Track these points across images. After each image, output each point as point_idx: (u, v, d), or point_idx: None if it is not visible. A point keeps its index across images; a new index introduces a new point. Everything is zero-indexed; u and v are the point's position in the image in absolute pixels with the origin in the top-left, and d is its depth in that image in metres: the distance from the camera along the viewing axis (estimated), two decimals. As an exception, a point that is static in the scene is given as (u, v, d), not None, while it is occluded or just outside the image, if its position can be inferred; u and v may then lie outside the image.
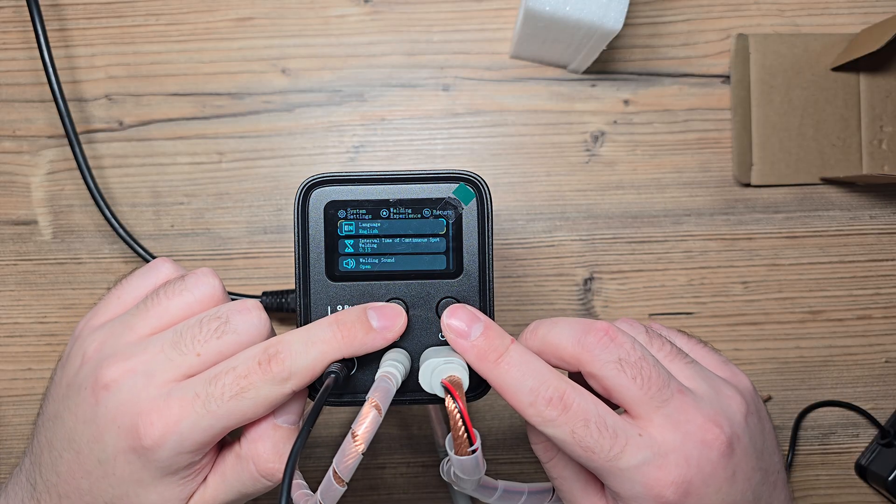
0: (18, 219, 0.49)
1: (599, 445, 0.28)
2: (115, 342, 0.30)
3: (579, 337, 0.30)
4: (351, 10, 0.49)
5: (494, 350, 0.29)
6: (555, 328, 0.30)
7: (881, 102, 0.49)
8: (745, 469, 0.29)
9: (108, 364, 0.29)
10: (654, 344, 0.32)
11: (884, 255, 0.50)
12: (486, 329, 0.30)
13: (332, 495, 0.27)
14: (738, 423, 0.30)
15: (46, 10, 0.48)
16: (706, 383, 0.31)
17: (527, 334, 0.32)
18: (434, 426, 0.48)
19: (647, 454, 0.28)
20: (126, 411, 0.28)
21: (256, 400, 0.28)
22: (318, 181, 0.32)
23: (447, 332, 0.30)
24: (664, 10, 0.50)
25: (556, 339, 0.30)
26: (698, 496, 0.28)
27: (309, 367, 0.29)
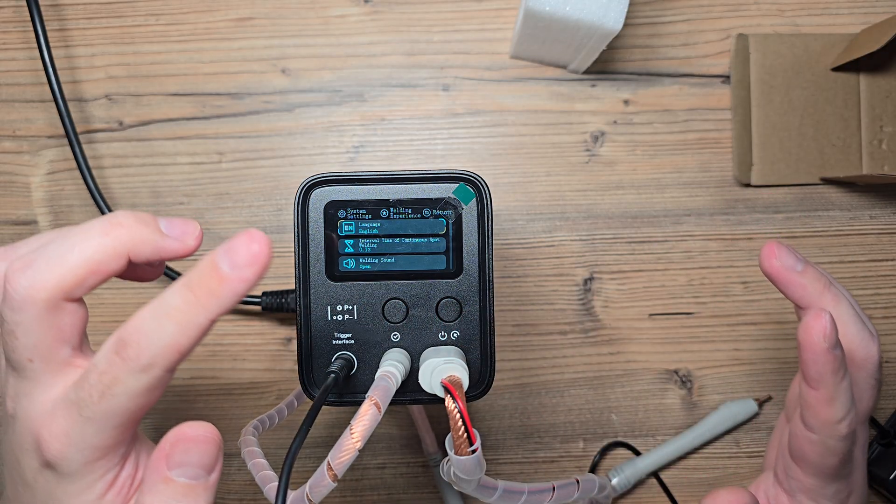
0: (18, 219, 0.49)
1: None
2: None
3: None
4: (351, 10, 0.49)
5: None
6: None
7: (881, 102, 0.49)
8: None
9: (3, 396, 0.29)
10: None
11: (884, 255, 0.50)
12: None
13: (321, 489, 0.27)
14: None
15: (46, 10, 0.48)
16: None
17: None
18: (422, 434, 0.48)
19: None
20: (26, 433, 0.27)
21: (127, 394, 0.25)
22: (318, 181, 0.32)
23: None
24: (664, 10, 0.50)
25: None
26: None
27: (171, 346, 0.25)
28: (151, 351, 0.25)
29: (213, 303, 0.25)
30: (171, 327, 0.25)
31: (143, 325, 0.25)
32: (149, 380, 0.25)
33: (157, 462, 0.25)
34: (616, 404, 0.50)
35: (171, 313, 0.25)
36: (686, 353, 0.50)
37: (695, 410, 0.50)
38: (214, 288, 0.25)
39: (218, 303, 0.25)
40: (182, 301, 0.25)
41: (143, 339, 0.25)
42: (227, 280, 0.25)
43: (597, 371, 0.49)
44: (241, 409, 0.49)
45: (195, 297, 0.25)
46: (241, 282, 0.25)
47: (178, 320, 0.25)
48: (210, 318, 0.25)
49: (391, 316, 0.33)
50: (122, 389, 0.25)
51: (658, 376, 0.50)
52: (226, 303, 0.25)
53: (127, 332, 0.25)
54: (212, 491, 0.26)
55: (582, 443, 0.50)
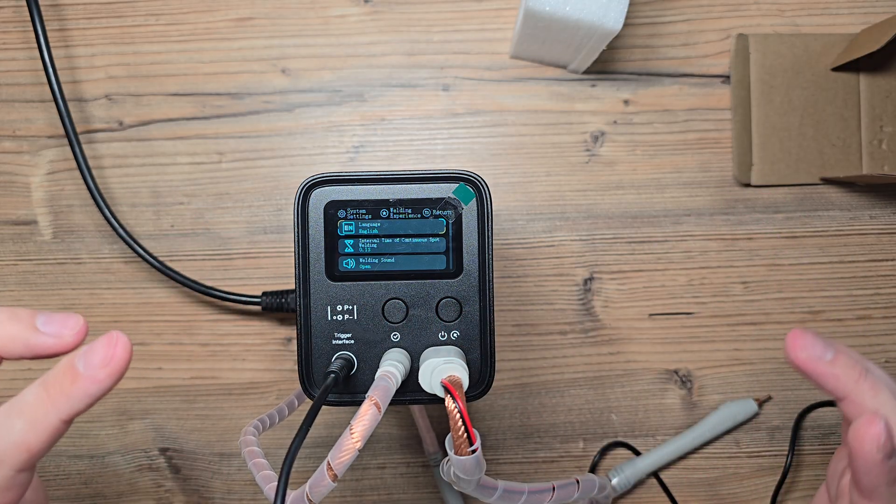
0: (18, 219, 0.49)
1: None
2: None
3: None
4: (351, 10, 0.49)
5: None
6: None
7: (881, 102, 0.49)
8: None
9: None
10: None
11: (884, 255, 0.50)
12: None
13: (321, 489, 0.27)
14: None
15: (46, 10, 0.48)
16: None
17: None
18: (422, 434, 0.48)
19: None
20: None
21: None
22: (318, 181, 0.32)
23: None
24: (664, 10, 0.50)
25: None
26: None
27: (19, 444, 0.24)
28: (3, 452, 0.24)
29: (63, 402, 0.25)
30: (20, 424, 0.24)
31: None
32: (2, 477, 0.24)
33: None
34: (616, 404, 0.50)
35: (22, 410, 0.25)
36: (686, 353, 0.50)
37: (695, 410, 0.50)
38: (66, 387, 0.24)
39: (69, 403, 0.25)
40: (34, 398, 0.25)
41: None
42: (80, 379, 0.24)
43: (597, 371, 0.49)
44: (241, 409, 0.49)
45: (47, 395, 0.24)
46: (94, 382, 0.25)
47: (29, 418, 0.24)
48: (61, 417, 0.25)
49: (391, 316, 0.33)
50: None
51: (658, 376, 0.50)
52: (77, 404, 0.25)
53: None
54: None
55: (582, 443, 0.50)
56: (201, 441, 0.49)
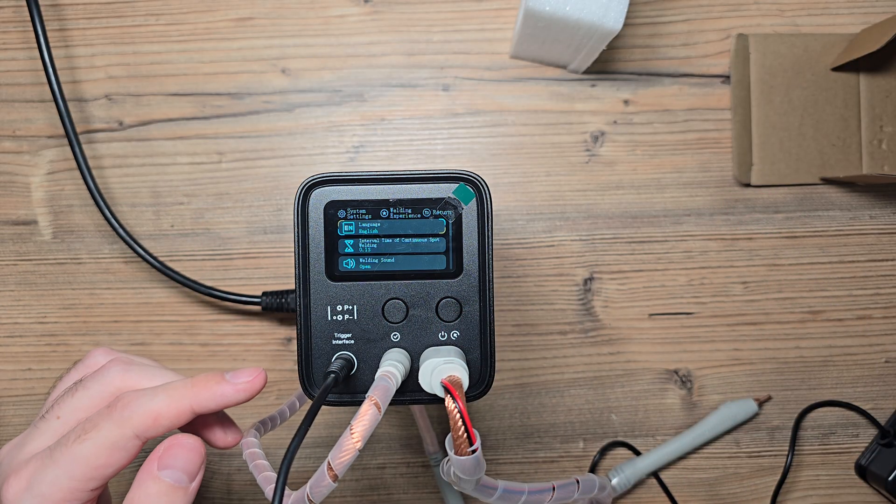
0: (18, 219, 0.49)
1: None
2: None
3: None
4: (351, 10, 0.49)
5: None
6: None
7: (881, 102, 0.49)
8: None
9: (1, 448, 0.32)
10: None
11: (884, 255, 0.50)
12: None
13: (322, 489, 0.27)
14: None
15: (46, 10, 0.48)
16: None
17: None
18: (423, 434, 0.48)
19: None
20: (1, 482, 0.29)
21: (97, 441, 0.28)
22: (318, 181, 0.32)
23: None
24: (664, 10, 0.50)
25: None
26: None
27: (152, 411, 0.29)
28: (133, 408, 0.29)
29: (202, 395, 0.30)
30: (161, 397, 0.29)
31: (139, 392, 0.29)
32: (120, 433, 0.29)
33: (150, 462, 0.29)
34: (616, 404, 0.50)
35: (167, 389, 0.30)
36: (686, 353, 0.50)
37: (695, 410, 0.50)
38: (211, 385, 0.30)
39: (204, 397, 0.30)
40: (181, 384, 0.30)
41: (133, 399, 0.29)
42: (223, 383, 0.30)
43: (597, 371, 0.49)
44: (241, 409, 0.49)
45: (192, 385, 0.30)
46: (233, 390, 0.30)
47: (170, 394, 0.29)
48: (193, 405, 0.30)
49: (391, 316, 0.33)
50: (95, 435, 0.28)
51: (658, 376, 0.50)
52: (211, 401, 0.30)
53: (122, 395, 0.29)
54: (190, 498, 0.29)
55: (582, 443, 0.50)
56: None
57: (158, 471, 0.28)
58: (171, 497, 0.28)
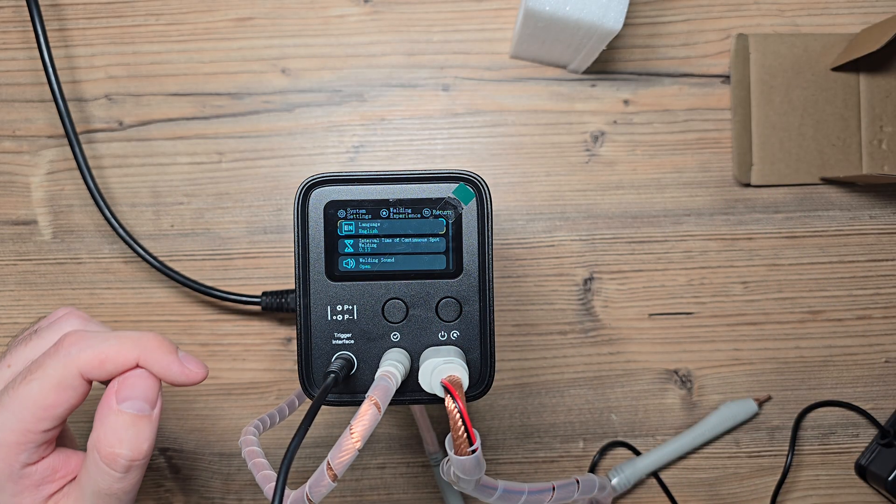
0: (18, 219, 0.49)
1: None
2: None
3: None
4: (351, 10, 0.49)
5: None
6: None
7: (881, 102, 0.49)
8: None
9: None
10: None
11: (884, 255, 0.50)
12: None
13: (321, 489, 0.27)
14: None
15: (46, 10, 0.48)
16: None
17: None
18: (423, 433, 0.48)
19: None
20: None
21: (43, 381, 0.28)
22: (318, 181, 0.32)
23: None
24: (664, 10, 0.50)
25: None
26: None
27: (99, 351, 0.28)
28: (81, 346, 0.28)
29: (153, 356, 0.29)
30: (111, 342, 0.29)
31: (87, 334, 0.29)
32: (65, 372, 0.28)
33: (107, 398, 0.29)
34: (616, 404, 0.50)
35: (118, 336, 0.29)
36: (686, 353, 0.50)
37: (695, 410, 0.50)
38: (163, 352, 0.29)
39: (155, 359, 0.29)
40: (134, 335, 0.29)
41: (80, 338, 0.29)
42: (174, 358, 0.29)
43: (597, 371, 0.49)
44: (241, 409, 0.49)
45: (145, 340, 0.29)
46: (181, 372, 0.30)
47: (120, 341, 0.29)
48: (140, 359, 0.29)
49: (391, 316, 0.33)
50: (41, 375, 0.28)
51: (658, 376, 0.50)
52: (158, 366, 0.29)
53: (67, 335, 0.29)
54: (154, 425, 0.29)
55: (582, 443, 0.50)
56: (201, 441, 0.49)
57: (118, 404, 0.28)
58: (138, 427, 0.28)
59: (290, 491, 0.28)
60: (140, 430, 0.28)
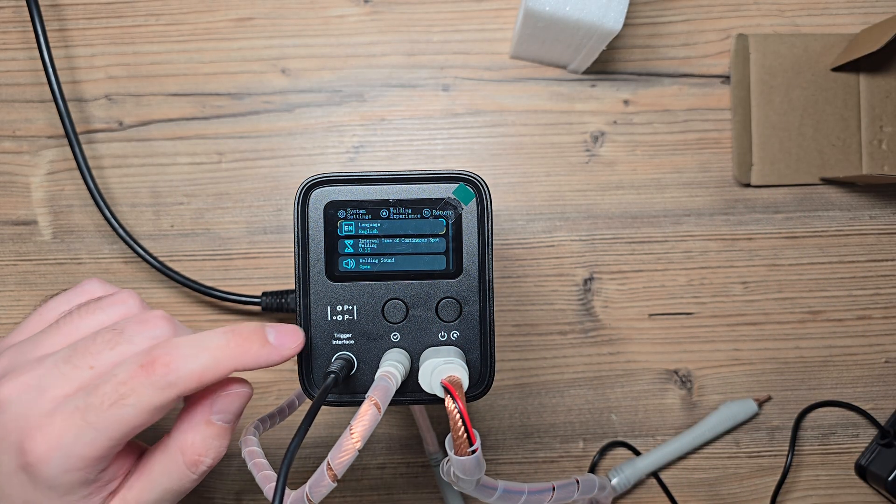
0: (18, 219, 0.49)
1: None
2: (20, 359, 0.29)
3: None
4: (351, 10, 0.49)
5: None
6: None
7: (881, 102, 0.49)
8: None
9: (5, 381, 0.28)
10: None
11: (884, 255, 0.50)
12: None
13: (321, 489, 0.27)
14: None
15: (46, 10, 0.48)
16: None
17: None
18: (423, 434, 0.48)
19: None
20: (13, 429, 0.27)
21: (138, 407, 0.27)
22: (318, 181, 0.32)
23: None
24: (664, 10, 0.50)
25: None
26: None
27: (196, 374, 0.27)
28: (179, 373, 0.27)
29: (245, 358, 0.28)
30: (204, 359, 0.27)
31: (179, 348, 0.27)
32: (163, 399, 0.27)
33: (204, 406, 0.29)
34: (616, 404, 0.50)
35: (210, 348, 0.28)
36: (686, 353, 0.50)
37: (695, 410, 0.50)
38: (253, 348, 0.28)
39: (249, 359, 0.28)
40: (224, 342, 0.28)
41: (174, 360, 0.27)
42: (267, 347, 0.29)
43: (597, 371, 0.49)
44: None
45: (235, 347, 0.28)
46: (277, 355, 0.29)
47: (213, 356, 0.28)
48: (236, 366, 0.28)
49: (391, 316, 0.33)
50: (136, 401, 0.27)
51: (658, 376, 0.50)
52: (253, 362, 0.28)
53: (161, 350, 0.27)
54: (232, 433, 0.30)
55: (582, 443, 0.50)
56: (201, 441, 0.49)
57: (213, 415, 0.29)
58: (224, 437, 0.29)
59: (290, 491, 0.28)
60: (224, 441, 0.30)
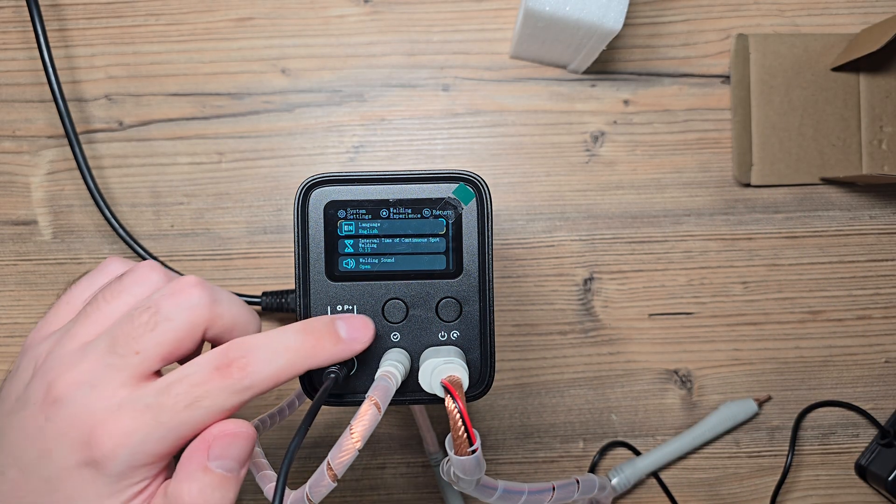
0: (18, 219, 0.49)
1: None
2: (60, 352, 0.29)
3: None
4: (351, 10, 0.49)
5: None
6: None
7: (881, 102, 0.49)
8: None
9: (54, 377, 0.27)
10: None
11: (884, 255, 0.50)
12: None
13: (321, 489, 0.27)
14: None
15: (46, 10, 0.48)
16: None
17: None
18: (423, 433, 0.48)
19: None
20: (77, 424, 0.27)
21: (211, 410, 0.26)
22: (318, 181, 0.32)
23: None
24: (664, 10, 0.50)
25: None
26: None
27: (272, 377, 0.27)
28: (255, 377, 0.27)
29: (320, 355, 0.28)
30: (281, 362, 0.27)
31: (257, 351, 0.27)
32: (237, 401, 0.27)
33: (199, 452, 0.26)
34: (616, 404, 0.50)
35: (287, 350, 0.27)
36: (686, 353, 0.50)
37: (695, 410, 0.50)
38: (328, 345, 0.28)
39: (322, 358, 0.28)
40: (300, 343, 0.28)
41: (252, 363, 0.27)
42: (340, 343, 0.29)
43: (597, 371, 0.49)
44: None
45: (310, 345, 0.28)
46: (349, 351, 0.29)
47: (289, 359, 0.27)
48: (310, 366, 0.28)
49: (391, 316, 0.33)
50: (210, 404, 0.26)
51: (658, 376, 0.50)
52: (326, 361, 0.28)
53: (237, 352, 0.27)
54: (240, 483, 0.27)
55: (582, 443, 0.50)
56: (201, 441, 0.49)
57: (209, 461, 0.26)
58: (224, 489, 0.27)
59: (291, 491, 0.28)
60: (226, 492, 0.27)
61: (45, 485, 0.27)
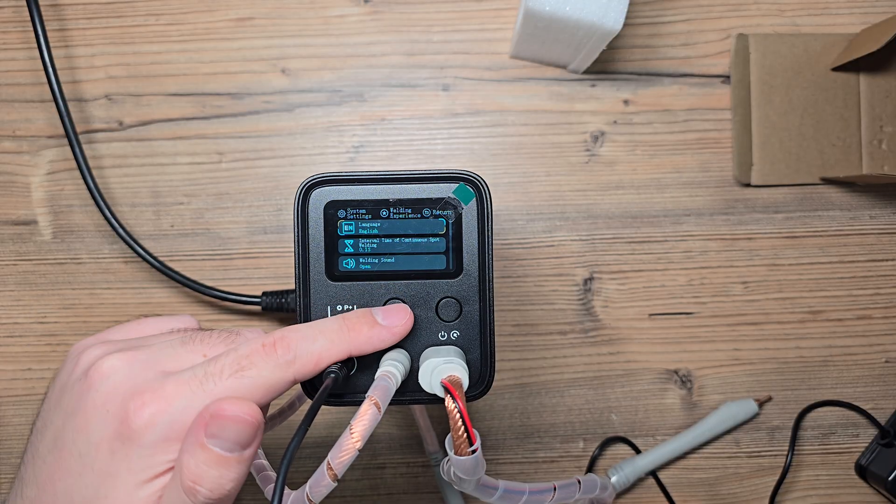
0: (18, 219, 0.49)
1: None
2: (130, 343, 0.30)
3: None
4: (351, 10, 0.49)
5: None
6: None
7: (881, 102, 0.49)
8: None
9: (110, 357, 0.28)
10: None
11: (884, 255, 0.50)
12: None
13: (321, 489, 0.27)
14: None
15: (46, 10, 0.48)
16: None
17: None
18: (423, 433, 0.48)
19: None
20: (118, 393, 0.27)
21: (256, 381, 0.27)
22: (318, 181, 0.32)
23: None
24: (664, 10, 0.50)
25: None
26: None
27: (314, 354, 0.29)
28: (297, 352, 0.28)
29: (359, 339, 0.30)
30: (322, 341, 0.29)
31: (298, 331, 0.29)
32: (280, 377, 0.28)
33: (197, 427, 0.26)
34: (616, 404, 0.50)
35: (325, 332, 0.29)
36: (686, 353, 0.50)
37: (695, 410, 0.50)
38: (365, 330, 0.30)
39: (361, 341, 0.30)
40: (337, 326, 0.30)
41: (294, 341, 0.28)
42: (377, 328, 0.30)
43: (597, 371, 0.49)
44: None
45: (348, 329, 0.30)
46: (388, 333, 0.30)
47: (330, 339, 0.29)
48: (350, 349, 0.29)
49: None
50: (255, 374, 0.27)
51: (658, 376, 0.50)
52: (366, 345, 0.30)
53: (279, 334, 0.29)
54: (246, 464, 0.27)
55: (582, 443, 0.50)
56: (201, 441, 0.49)
57: (206, 439, 0.26)
58: (222, 467, 0.26)
59: (291, 491, 0.28)
60: (224, 472, 0.26)
61: (77, 462, 0.28)
